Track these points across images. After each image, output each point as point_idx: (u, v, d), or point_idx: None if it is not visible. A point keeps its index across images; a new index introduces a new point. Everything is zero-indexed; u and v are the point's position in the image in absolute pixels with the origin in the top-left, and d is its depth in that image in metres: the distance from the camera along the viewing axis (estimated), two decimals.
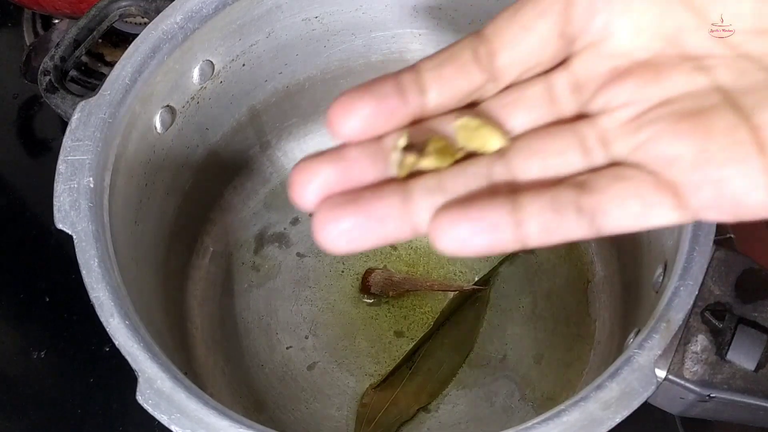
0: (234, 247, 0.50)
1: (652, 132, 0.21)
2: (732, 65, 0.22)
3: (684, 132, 0.21)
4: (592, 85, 0.23)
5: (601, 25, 0.22)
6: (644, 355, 0.32)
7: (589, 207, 0.21)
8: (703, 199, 0.21)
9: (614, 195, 0.21)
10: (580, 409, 0.31)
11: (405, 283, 0.47)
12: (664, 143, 0.21)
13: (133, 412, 0.45)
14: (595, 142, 0.22)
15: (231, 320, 0.48)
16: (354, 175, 0.23)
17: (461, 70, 0.23)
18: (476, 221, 0.21)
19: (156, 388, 0.32)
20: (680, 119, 0.21)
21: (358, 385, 0.45)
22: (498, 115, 0.23)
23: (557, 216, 0.21)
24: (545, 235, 0.21)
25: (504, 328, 0.47)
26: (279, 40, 0.45)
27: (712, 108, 0.21)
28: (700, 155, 0.21)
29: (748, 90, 0.21)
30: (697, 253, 0.34)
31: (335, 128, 0.23)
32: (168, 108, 0.42)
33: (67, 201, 0.36)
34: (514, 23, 0.23)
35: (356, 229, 0.22)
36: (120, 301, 0.34)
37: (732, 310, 0.34)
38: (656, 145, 0.21)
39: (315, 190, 0.24)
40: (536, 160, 0.23)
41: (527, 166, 0.23)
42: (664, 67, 0.22)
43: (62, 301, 0.49)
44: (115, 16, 0.45)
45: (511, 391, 0.45)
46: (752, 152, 0.20)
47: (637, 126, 0.22)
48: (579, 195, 0.21)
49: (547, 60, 0.23)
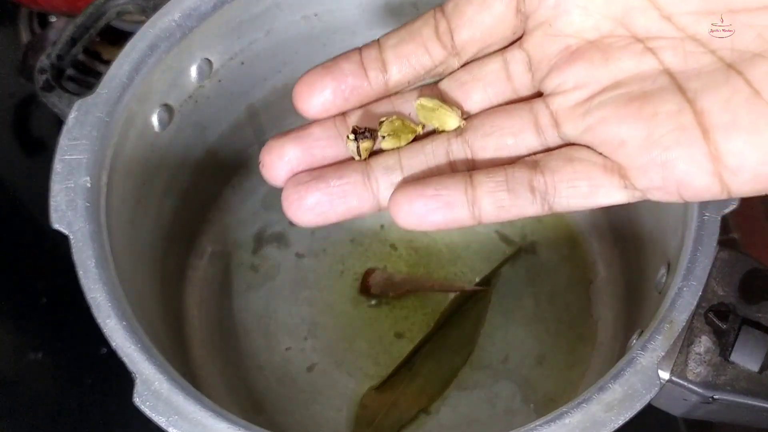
0: (232, 248, 0.50)
1: (600, 116, 0.22)
2: (679, 47, 0.22)
3: (631, 116, 0.22)
4: (545, 65, 0.24)
5: (553, 3, 0.23)
6: (647, 357, 0.31)
7: (541, 187, 0.23)
8: (649, 181, 0.22)
9: (565, 176, 0.23)
10: (582, 411, 0.30)
11: (405, 283, 0.47)
12: (612, 128, 0.22)
13: (130, 414, 0.45)
14: (548, 122, 0.23)
15: (229, 321, 0.47)
16: (318, 153, 0.24)
17: (422, 46, 0.24)
18: (432, 199, 0.22)
19: (153, 389, 0.31)
20: (627, 103, 0.22)
21: (357, 386, 0.45)
22: (456, 95, 0.24)
23: (511, 195, 0.23)
24: (499, 212, 0.23)
25: (506, 329, 0.47)
26: (278, 38, 0.45)
27: (658, 91, 0.22)
28: (646, 139, 0.21)
29: (693, 74, 0.21)
30: (701, 254, 0.33)
31: (300, 107, 0.25)
32: (166, 107, 0.42)
33: (63, 201, 0.36)
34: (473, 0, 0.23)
35: (321, 205, 0.24)
36: (117, 302, 0.33)
37: (736, 311, 0.33)
38: (604, 129, 0.22)
39: (282, 168, 0.25)
40: (492, 138, 0.23)
41: (484, 144, 0.24)
42: (614, 49, 0.23)
43: (59, 302, 0.49)
44: (112, 14, 0.44)
45: (512, 393, 0.45)
46: (697, 136, 0.21)
47: (587, 110, 0.22)
48: (532, 174, 0.23)
49: (505, 37, 0.24)
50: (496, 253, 0.49)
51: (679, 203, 0.36)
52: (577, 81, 0.23)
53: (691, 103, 0.21)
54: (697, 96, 0.21)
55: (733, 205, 0.35)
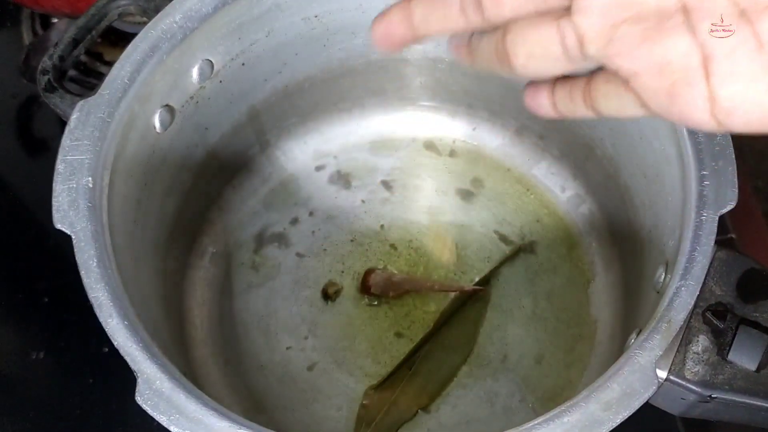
0: (233, 248, 0.50)
1: (619, 48, 0.24)
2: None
3: (645, 54, 0.24)
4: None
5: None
6: (645, 356, 0.32)
7: (590, 99, 0.28)
8: (658, 107, 0.24)
9: (605, 92, 0.27)
10: (580, 410, 0.31)
11: (405, 283, 0.47)
12: (628, 61, 0.24)
13: (132, 412, 0.45)
14: (574, 41, 0.25)
15: (230, 321, 0.48)
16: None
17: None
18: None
19: (155, 388, 0.32)
20: (644, 41, 0.24)
21: (357, 385, 0.45)
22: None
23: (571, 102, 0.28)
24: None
25: (505, 329, 0.47)
26: (278, 39, 0.45)
27: (673, 31, 0.23)
28: (657, 75, 0.24)
29: (707, 14, 0.23)
30: (699, 254, 0.34)
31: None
32: (167, 107, 0.42)
33: (65, 201, 0.36)
34: None
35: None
36: (119, 301, 0.34)
37: (733, 311, 0.34)
38: (622, 61, 0.24)
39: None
40: (523, 45, 0.26)
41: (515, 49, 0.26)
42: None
43: (61, 302, 0.49)
44: (114, 15, 0.45)
45: (511, 392, 0.45)
46: (700, 79, 0.23)
47: (609, 39, 0.24)
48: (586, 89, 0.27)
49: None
50: (496, 253, 0.49)
51: (677, 201, 0.37)
52: (603, 6, 0.24)
53: (700, 47, 0.23)
54: (706, 41, 0.23)
55: (731, 205, 0.35)
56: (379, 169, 0.52)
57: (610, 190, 0.47)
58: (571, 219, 0.50)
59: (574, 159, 0.49)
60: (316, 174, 0.52)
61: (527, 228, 0.50)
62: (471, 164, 0.52)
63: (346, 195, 0.52)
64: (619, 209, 0.46)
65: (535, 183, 0.51)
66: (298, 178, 0.52)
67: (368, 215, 0.51)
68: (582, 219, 0.50)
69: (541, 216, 0.50)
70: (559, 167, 0.51)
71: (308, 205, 0.51)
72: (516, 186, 0.51)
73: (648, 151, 0.41)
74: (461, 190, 0.51)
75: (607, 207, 0.48)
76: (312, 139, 0.53)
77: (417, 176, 0.52)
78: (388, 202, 0.51)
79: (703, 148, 0.36)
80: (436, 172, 0.52)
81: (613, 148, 0.45)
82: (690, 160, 0.36)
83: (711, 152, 0.36)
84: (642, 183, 0.42)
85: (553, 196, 0.51)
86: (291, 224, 0.51)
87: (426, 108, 0.52)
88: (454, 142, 0.53)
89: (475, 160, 0.52)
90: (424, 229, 0.50)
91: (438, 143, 0.53)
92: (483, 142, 0.53)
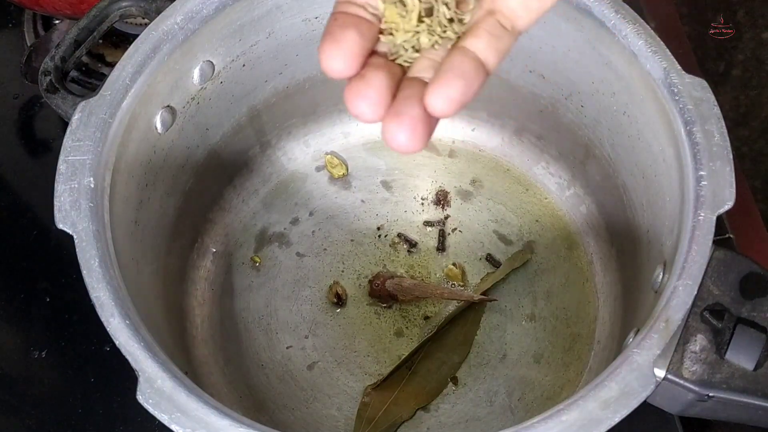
0: (234, 247, 0.50)
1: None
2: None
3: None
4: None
5: None
6: (643, 355, 0.32)
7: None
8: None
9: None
10: (579, 409, 0.31)
11: (415, 289, 0.47)
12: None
13: (133, 411, 0.45)
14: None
15: (231, 320, 0.48)
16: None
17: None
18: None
19: (156, 387, 0.32)
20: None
21: (358, 384, 0.46)
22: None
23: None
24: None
25: (504, 328, 0.47)
26: (279, 40, 0.46)
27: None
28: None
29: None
30: (697, 253, 0.34)
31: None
32: (168, 108, 0.42)
33: (67, 201, 0.36)
34: None
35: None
36: (120, 300, 0.34)
37: (731, 310, 0.34)
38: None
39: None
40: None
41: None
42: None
43: (63, 301, 0.49)
44: (115, 16, 0.45)
45: (510, 391, 0.45)
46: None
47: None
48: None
49: None
50: (495, 253, 0.49)
51: (675, 202, 0.37)
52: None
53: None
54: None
55: (729, 205, 0.35)
56: (378, 169, 0.52)
57: (608, 190, 0.47)
58: (570, 219, 0.50)
59: (572, 159, 0.50)
60: (316, 174, 0.52)
61: (526, 228, 0.50)
62: (470, 164, 0.52)
63: (346, 195, 0.52)
64: (617, 209, 0.46)
65: (534, 183, 0.51)
66: (298, 178, 0.52)
67: (368, 215, 0.51)
68: (581, 219, 0.50)
69: (539, 216, 0.50)
70: (557, 167, 0.51)
71: (308, 205, 0.51)
72: (515, 186, 0.52)
73: (646, 151, 0.41)
74: (461, 190, 0.52)
75: (605, 207, 0.48)
76: (312, 139, 0.53)
77: (416, 176, 0.52)
78: (387, 202, 0.51)
79: (701, 149, 0.36)
80: (435, 173, 0.52)
81: (611, 148, 0.45)
82: (688, 161, 0.36)
83: (708, 152, 0.36)
84: (640, 183, 0.43)
85: (552, 196, 0.51)
86: (291, 224, 0.51)
87: None
88: (453, 142, 0.53)
89: (475, 160, 0.52)
90: (423, 229, 0.50)
91: (437, 144, 0.53)
92: (482, 142, 0.53)
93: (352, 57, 0.26)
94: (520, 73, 0.48)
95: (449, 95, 0.25)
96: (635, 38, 0.39)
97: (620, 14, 0.39)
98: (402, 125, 0.25)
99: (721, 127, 0.36)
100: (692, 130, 0.36)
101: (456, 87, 0.25)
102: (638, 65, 0.39)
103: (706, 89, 0.37)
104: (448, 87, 0.25)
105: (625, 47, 0.39)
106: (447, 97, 0.25)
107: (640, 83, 0.40)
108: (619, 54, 0.40)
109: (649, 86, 0.39)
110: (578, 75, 0.45)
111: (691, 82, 0.37)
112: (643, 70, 0.39)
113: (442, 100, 0.25)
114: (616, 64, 0.41)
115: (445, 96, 0.25)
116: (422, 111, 0.25)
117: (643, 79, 0.39)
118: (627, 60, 0.40)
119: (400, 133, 0.25)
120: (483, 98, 0.51)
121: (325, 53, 0.26)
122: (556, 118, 0.48)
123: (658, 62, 0.38)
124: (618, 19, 0.39)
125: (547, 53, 0.45)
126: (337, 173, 0.52)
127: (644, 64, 0.38)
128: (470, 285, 0.48)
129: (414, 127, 0.25)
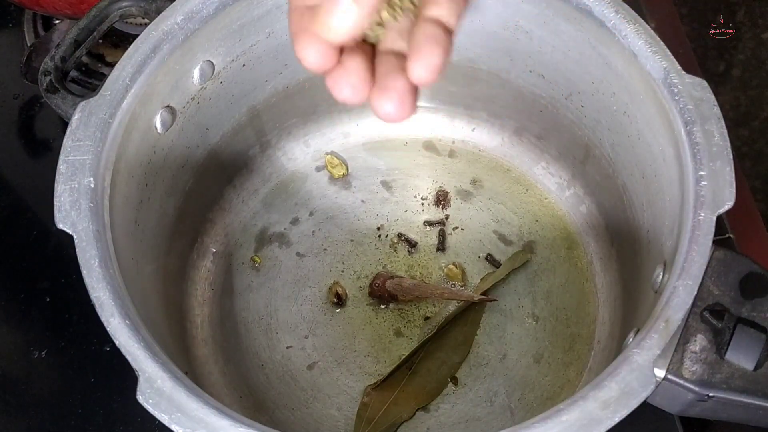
0: (234, 247, 0.50)
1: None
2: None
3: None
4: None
5: None
6: (643, 355, 0.32)
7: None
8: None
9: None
10: (579, 409, 0.31)
11: (415, 289, 0.47)
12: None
13: (133, 411, 0.45)
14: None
15: (231, 320, 0.48)
16: None
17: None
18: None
19: (156, 387, 0.32)
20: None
21: (357, 384, 0.46)
22: None
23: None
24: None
25: (503, 328, 0.47)
26: (279, 40, 0.46)
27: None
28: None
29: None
30: (696, 253, 0.34)
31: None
32: (168, 108, 0.42)
33: (67, 201, 0.36)
34: None
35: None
36: (120, 300, 0.34)
37: (731, 310, 0.34)
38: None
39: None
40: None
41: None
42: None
43: (63, 301, 0.49)
44: (115, 16, 0.45)
45: (510, 391, 0.45)
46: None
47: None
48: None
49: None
50: (495, 253, 0.49)
51: (675, 202, 0.37)
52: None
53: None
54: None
55: (729, 205, 0.35)
56: (378, 169, 0.52)
57: (608, 190, 0.47)
58: (570, 219, 0.50)
59: (572, 159, 0.50)
60: (316, 174, 0.52)
61: (526, 228, 0.50)
62: (470, 164, 0.52)
63: (346, 195, 0.52)
64: (617, 209, 0.46)
65: (534, 183, 0.51)
66: (298, 178, 0.52)
67: (368, 215, 0.51)
68: (581, 219, 0.50)
69: (539, 216, 0.50)
70: (557, 167, 0.51)
71: (308, 205, 0.51)
72: (515, 186, 0.52)
73: (646, 151, 0.41)
74: (461, 190, 0.52)
75: (605, 207, 0.48)
76: (312, 139, 0.53)
77: (416, 176, 0.52)
78: (387, 202, 0.51)
79: (701, 149, 0.36)
80: (435, 173, 0.52)
81: (611, 148, 0.45)
82: (688, 161, 0.36)
83: (708, 153, 0.36)
84: (640, 183, 0.43)
85: (552, 196, 0.51)
86: (291, 224, 0.51)
87: (425, 109, 0.52)
88: (453, 142, 0.53)
89: (475, 160, 0.53)
90: (423, 229, 0.50)
91: (437, 144, 0.53)
92: (482, 142, 0.53)
93: (332, 49, 0.27)
94: (520, 73, 0.48)
95: (430, 63, 0.27)
96: (635, 38, 0.39)
97: (620, 14, 0.39)
98: (392, 99, 0.27)
99: (721, 127, 0.36)
100: (692, 130, 0.36)
101: (435, 54, 0.27)
102: (638, 65, 0.39)
103: (706, 89, 0.37)
104: (429, 56, 0.27)
105: (625, 47, 0.39)
106: (429, 65, 0.27)
107: (640, 83, 0.40)
108: (619, 54, 0.40)
109: (649, 86, 0.39)
110: (578, 75, 0.45)
111: (691, 82, 0.37)
112: (643, 70, 0.39)
113: (424, 69, 0.27)
114: (616, 64, 0.41)
115: (426, 65, 0.27)
116: (406, 82, 0.27)
117: (643, 79, 0.39)
118: (627, 60, 0.40)
119: (390, 105, 0.27)
120: (483, 98, 0.51)
121: (303, 50, 0.27)
122: (556, 118, 0.48)
123: (658, 62, 0.38)
124: (618, 19, 0.39)
125: (547, 53, 0.45)
126: (337, 173, 0.52)
127: (644, 64, 0.38)
128: (470, 285, 0.48)
129: (402, 98, 0.27)
